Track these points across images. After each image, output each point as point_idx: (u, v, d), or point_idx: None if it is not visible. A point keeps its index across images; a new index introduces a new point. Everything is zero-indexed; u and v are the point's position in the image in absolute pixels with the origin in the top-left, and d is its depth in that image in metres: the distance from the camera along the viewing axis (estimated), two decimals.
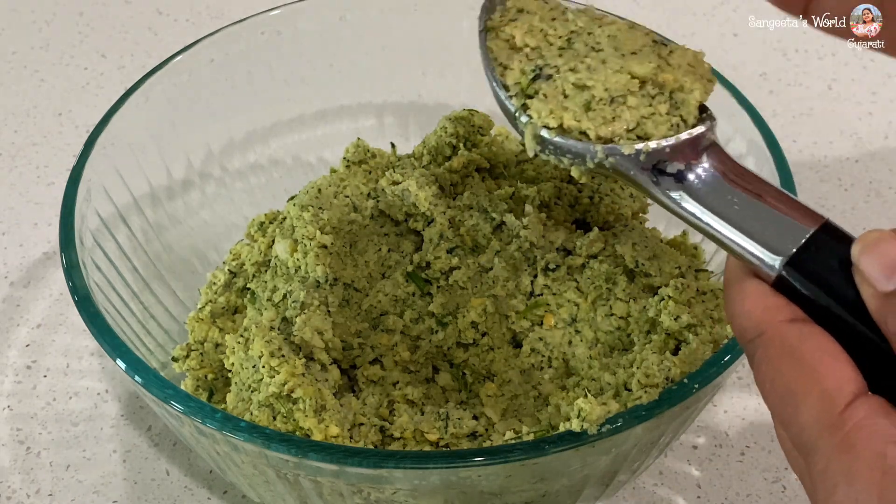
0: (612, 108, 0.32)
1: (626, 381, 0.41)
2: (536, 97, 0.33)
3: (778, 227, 0.30)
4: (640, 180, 0.32)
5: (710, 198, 0.31)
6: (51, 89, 0.75)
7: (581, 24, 0.34)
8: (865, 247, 0.28)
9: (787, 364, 0.28)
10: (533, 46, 0.34)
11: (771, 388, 0.28)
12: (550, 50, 0.34)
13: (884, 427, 0.26)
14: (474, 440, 0.44)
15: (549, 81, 0.33)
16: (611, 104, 0.32)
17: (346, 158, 0.54)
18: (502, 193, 0.49)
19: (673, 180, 0.32)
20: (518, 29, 0.34)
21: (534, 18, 0.35)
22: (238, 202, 0.59)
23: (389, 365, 0.46)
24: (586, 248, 0.47)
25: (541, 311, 0.47)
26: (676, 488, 0.50)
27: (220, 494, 0.50)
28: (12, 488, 0.51)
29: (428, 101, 0.61)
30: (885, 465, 0.25)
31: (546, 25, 0.34)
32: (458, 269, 0.47)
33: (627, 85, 0.32)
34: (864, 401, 0.26)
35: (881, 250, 0.28)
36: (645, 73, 0.32)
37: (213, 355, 0.48)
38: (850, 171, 0.67)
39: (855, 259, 0.28)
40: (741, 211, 0.30)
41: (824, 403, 0.27)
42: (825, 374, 0.27)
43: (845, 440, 0.26)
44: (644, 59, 0.33)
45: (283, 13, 0.58)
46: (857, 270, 0.28)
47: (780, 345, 0.28)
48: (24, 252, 0.63)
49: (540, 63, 0.33)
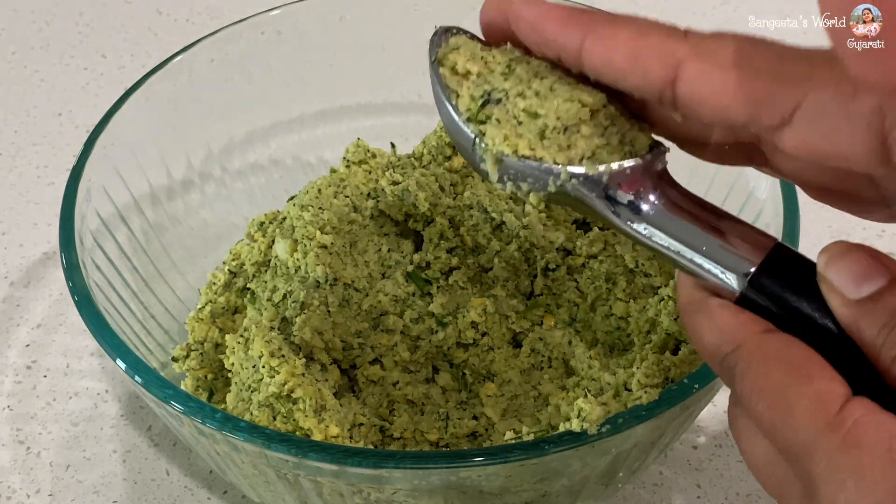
0: (566, 137, 0.32)
1: (626, 381, 0.41)
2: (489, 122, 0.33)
3: (735, 247, 0.30)
4: (597, 206, 0.32)
5: (667, 221, 0.32)
6: (51, 89, 0.75)
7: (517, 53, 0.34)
8: (832, 258, 0.28)
9: (775, 369, 0.28)
10: (477, 73, 0.34)
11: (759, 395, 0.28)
12: (494, 75, 0.34)
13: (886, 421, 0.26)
14: (474, 440, 0.44)
15: (499, 106, 0.33)
16: (564, 132, 0.32)
17: (346, 158, 0.54)
18: (502, 193, 0.49)
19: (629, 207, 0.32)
20: (460, 56, 0.35)
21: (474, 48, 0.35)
22: (238, 202, 0.59)
23: (389, 365, 0.46)
24: (586, 248, 0.47)
25: (541, 311, 0.47)
26: (676, 488, 0.50)
27: (220, 494, 0.50)
28: (12, 488, 0.51)
29: (428, 101, 0.61)
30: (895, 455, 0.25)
31: (487, 55, 0.35)
32: (458, 269, 0.47)
33: (579, 114, 0.32)
34: (858, 400, 0.26)
35: (849, 260, 0.28)
36: (594, 102, 0.32)
37: (213, 355, 0.48)
38: None
39: (822, 270, 0.29)
40: (698, 233, 0.31)
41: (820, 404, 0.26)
42: (815, 377, 0.27)
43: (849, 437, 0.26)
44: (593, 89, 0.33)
45: (283, 13, 0.57)
46: (824, 281, 0.28)
47: (763, 353, 0.28)
48: (24, 252, 0.63)
49: (487, 88, 0.34)
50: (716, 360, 0.30)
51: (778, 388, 0.27)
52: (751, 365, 0.28)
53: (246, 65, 0.57)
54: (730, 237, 0.31)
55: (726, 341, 0.29)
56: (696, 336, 0.31)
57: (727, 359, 0.29)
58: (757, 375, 0.28)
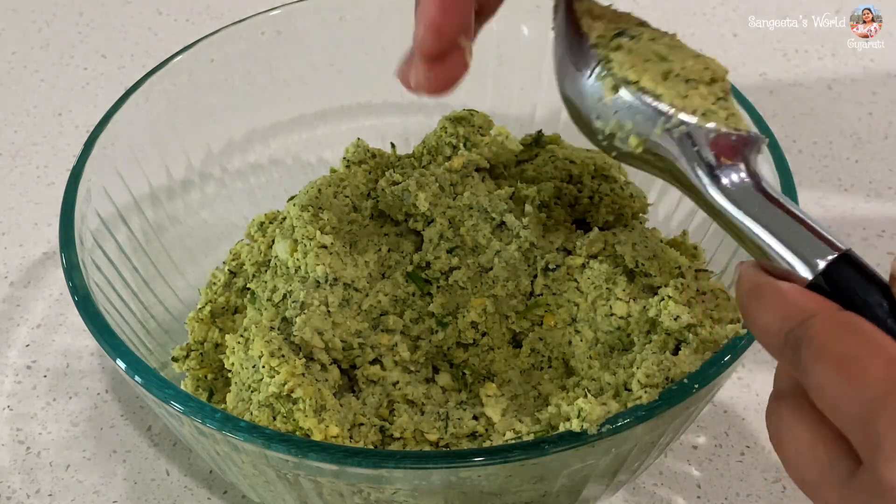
0: (686, 87, 0.33)
1: (626, 381, 0.41)
2: (621, 49, 0.34)
3: (810, 241, 0.31)
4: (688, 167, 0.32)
5: (753, 199, 0.32)
6: (51, 89, 0.75)
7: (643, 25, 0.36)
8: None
9: (847, 334, 0.28)
10: (610, 19, 0.35)
11: (828, 358, 0.28)
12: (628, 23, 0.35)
13: None
14: (474, 440, 0.44)
15: (633, 41, 0.34)
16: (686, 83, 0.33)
17: (346, 158, 0.54)
18: (502, 193, 0.49)
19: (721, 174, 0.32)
20: (595, 4, 0.36)
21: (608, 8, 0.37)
22: (238, 202, 0.59)
23: (389, 365, 0.46)
24: (586, 248, 0.47)
25: (541, 311, 0.47)
26: (676, 488, 0.50)
27: (220, 494, 0.50)
28: (12, 488, 0.51)
29: (428, 101, 0.61)
30: None
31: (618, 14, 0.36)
32: (458, 269, 0.47)
33: (702, 74, 0.33)
34: None
35: None
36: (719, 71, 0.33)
37: (213, 355, 0.48)
38: (850, 171, 0.67)
39: (894, 270, 0.29)
40: (779, 218, 0.32)
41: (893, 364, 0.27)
42: (887, 343, 0.28)
43: None
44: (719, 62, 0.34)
45: (283, 13, 0.58)
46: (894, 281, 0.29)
47: (836, 320, 0.29)
48: (24, 252, 0.63)
49: (623, 27, 0.34)
50: (780, 336, 0.30)
51: (851, 350, 0.28)
52: (824, 329, 0.29)
53: (246, 65, 0.57)
54: (807, 231, 0.31)
55: (798, 312, 0.30)
56: (757, 317, 0.31)
57: (794, 331, 0.30)
58: (829, 338, 0.28)
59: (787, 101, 0.72)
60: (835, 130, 0.70)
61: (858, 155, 0.68)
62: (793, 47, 0.77)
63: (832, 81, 0.74)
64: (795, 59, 0.76)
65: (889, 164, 0.68)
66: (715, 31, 0.79)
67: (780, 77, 0.74)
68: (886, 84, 0.73)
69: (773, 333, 0.30)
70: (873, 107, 0.72)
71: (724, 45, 0.77)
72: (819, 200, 0.65)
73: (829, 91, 0.73)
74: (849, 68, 0.75)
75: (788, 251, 0.31)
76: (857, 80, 0.74)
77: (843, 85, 0.74)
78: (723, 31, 0.79)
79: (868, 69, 0.75)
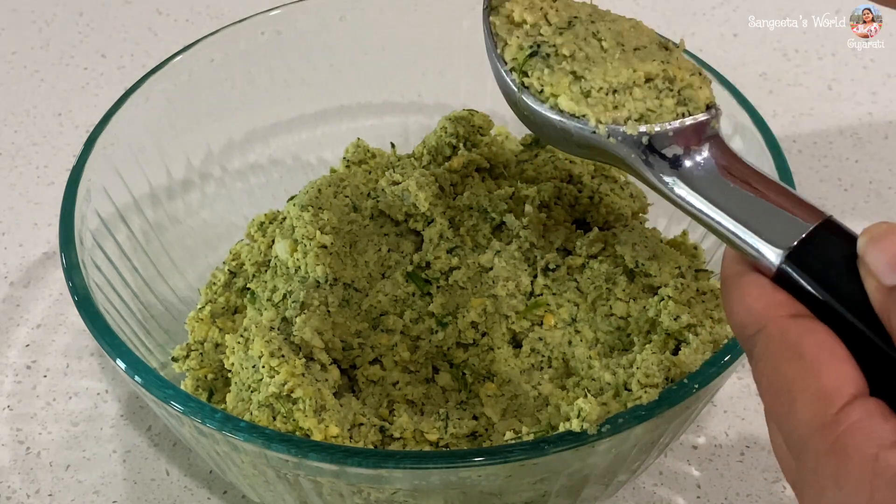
0: (613, 98, 0.32)
1: (626, 381, 0.41)
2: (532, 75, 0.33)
3: (779, 220, 0.29)
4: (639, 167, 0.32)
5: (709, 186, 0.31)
6: (51, 89, 0.75)
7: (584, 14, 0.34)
8: (872, 239, 0.27)
9: (786, 360, 0.27)
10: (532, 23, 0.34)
11: (768, 384, 0.27)
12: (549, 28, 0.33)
13: (878, 430, 0.25)
14: (474, 440, 0.44)
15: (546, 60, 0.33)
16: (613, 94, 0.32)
17: (346, 158, 0.54)
18: (502, 193, 0.49)
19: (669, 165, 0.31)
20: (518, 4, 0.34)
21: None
22: (238, 202, 0.59)
23: (389, 365, 0.46)
24: (586, 248, 0.47)
25: (541, 311, 0.47)
26: (676, 488, 0.50)
27: (220, 494, 0.50)
28: (12, 488, 0.51)
29: (428, 101, 0.61)
30: (876, 468, 0.24)
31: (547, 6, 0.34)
32: (458, 269, 0.47)
33: (632, 78, 0.32)
34: (862, 402, 0.26)
35: (888, 243, 0.27)
36: (650, 70, 0.32)
37: (213, 355, 0.48)
38: (850, 171, 0.67)
39: (861, 251, 0.27)
40: (741, 202, 0.30)
41: (820, 402, 0.26)
42: (824, 372, 0.26)
43: (837, 441, 0.25)
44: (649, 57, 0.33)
45: (283, 13, 0.58)
46: (863, 263, 0.27)
47: (780, 340, 0.28)
48: (24, 252, 0.63)
49: (539, 40, 0.33)
50: (742, 338, 0.29)
51: (784, 381, 0.27)
52: (766, 352, 0.28)
53: (246, 65, 0.57)
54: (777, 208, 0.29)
55: (752, 322, 0.29)
56: (727, 310, 0.30)
57: (749, 340, 0.29)
58: (768, 364, 0.28)
59: (787, 101, 0.72)
60: (835, 130, 0.70)
61: (858, 155, 0.68)
62: (793, 47, 0.77)
63: (832, 81, 0.74)
64: (795, 59, 0.76)
65: (889, 164, 0.68)
66: (715, 31, 0.79)
67: (780, 77, 0.74)
68: (886, 84, 0.73)
69: (738, 332, 0.30)
70: (873, 107, 0.72)
71: (724, 45, 0.77)
72: (819, 200, 0.65)
73: (829, 91, 0.73)
74: (849, 68, 0.75)
75: (754, 236, 0.29)
76: (857, 80, 0.74)
77: (843, 85, 0.74)
78: (723, 31, 0.79)
79: (868, 69, 0.75)
